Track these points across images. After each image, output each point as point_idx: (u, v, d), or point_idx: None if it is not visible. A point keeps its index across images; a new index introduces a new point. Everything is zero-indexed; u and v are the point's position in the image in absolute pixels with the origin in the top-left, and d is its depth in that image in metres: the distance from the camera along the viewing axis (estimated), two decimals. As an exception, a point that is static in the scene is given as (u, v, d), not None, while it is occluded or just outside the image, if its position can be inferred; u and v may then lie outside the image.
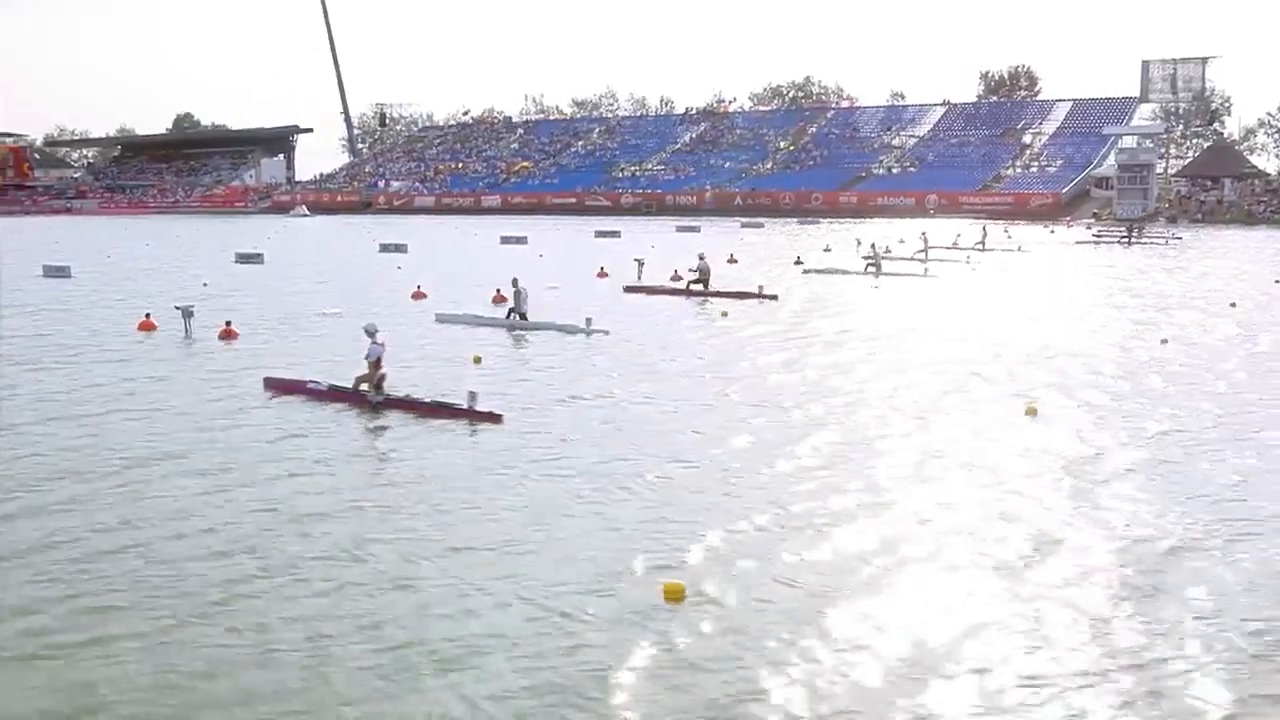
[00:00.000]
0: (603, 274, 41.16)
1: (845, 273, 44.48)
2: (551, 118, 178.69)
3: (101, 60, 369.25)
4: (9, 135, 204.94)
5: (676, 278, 39.22)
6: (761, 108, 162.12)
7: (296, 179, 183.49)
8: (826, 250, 54.47)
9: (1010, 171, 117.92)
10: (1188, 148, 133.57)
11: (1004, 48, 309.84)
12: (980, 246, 59.90)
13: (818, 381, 21.30)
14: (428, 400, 18.65)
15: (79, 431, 17.36)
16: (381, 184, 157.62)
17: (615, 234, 72.51)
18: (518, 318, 28.37)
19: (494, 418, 17.77)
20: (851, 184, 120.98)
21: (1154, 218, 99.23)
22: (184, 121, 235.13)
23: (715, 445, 16.22)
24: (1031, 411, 17.65)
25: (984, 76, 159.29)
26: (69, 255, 55.64)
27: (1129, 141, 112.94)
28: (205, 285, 39.75)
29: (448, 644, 9.44)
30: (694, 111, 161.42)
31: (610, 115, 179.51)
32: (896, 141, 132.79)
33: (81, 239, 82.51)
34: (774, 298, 35.00)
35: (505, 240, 65.71)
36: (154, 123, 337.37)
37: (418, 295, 34.96)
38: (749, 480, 14.40)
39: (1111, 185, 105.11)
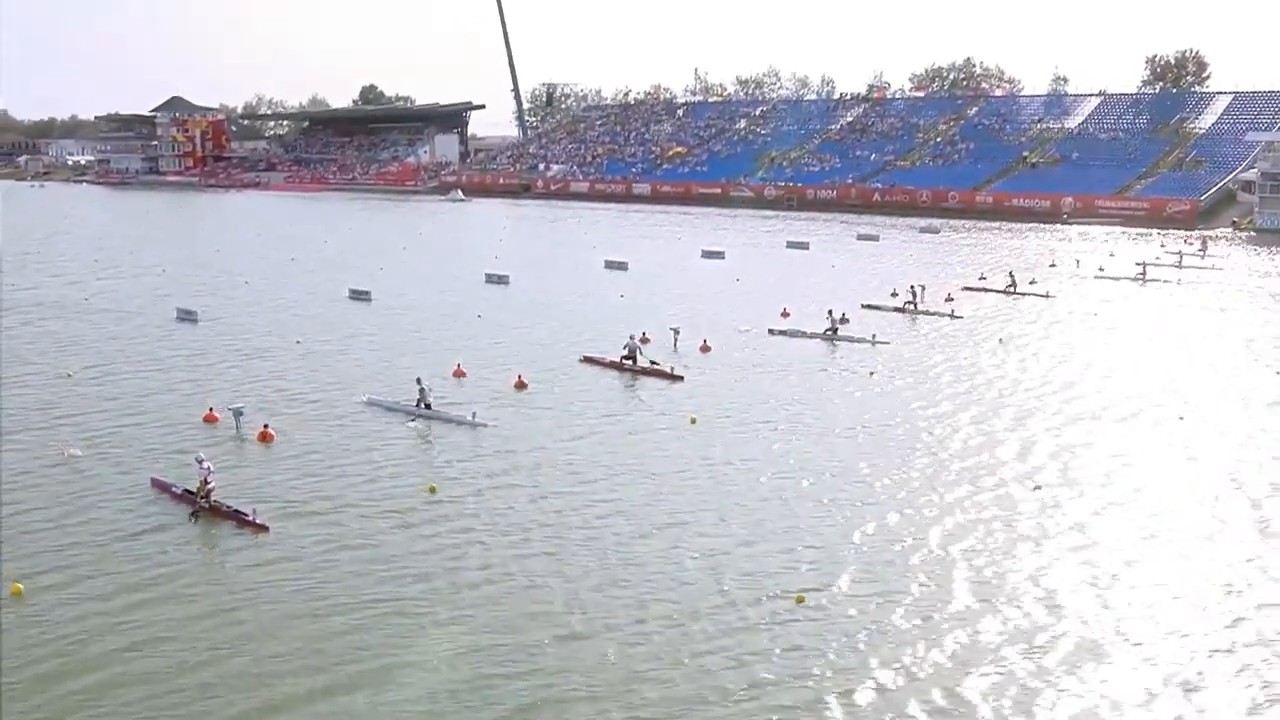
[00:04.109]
0: (645, 339, 44.53)
1: (805, 335, 46.61)
2: (711, 100, 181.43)
3: (300, 31, 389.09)
4: (209, 109, 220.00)
5: (705, 349, 43.22)
6: (918, 93, 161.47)
7: (473, 150, 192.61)
8: (919, 288, 55.25)
9: (1160, 169, 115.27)
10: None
11: (1176, 30, 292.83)
12: (1011, 289, 59.22)
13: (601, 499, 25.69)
14: (230, 508, 24.44)
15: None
16: (541, 167, 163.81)
17: (720, 255, 75.84)
18: (424, 407, 33.14)
19: (263, 528, 23.42)
20: (989, 183, 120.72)
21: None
22: (369, 93, 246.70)
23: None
24: (801, 600, 20.56)
25: (1150, 61, 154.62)
26: (210, 282, 63.02)
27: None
28: (298, 343, 45.15)
29: None
30: (849, 97, 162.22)
31: (772, 96, 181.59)
32: (1046, 134, 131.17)
33: (241, 241, 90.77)
34: (680, 379, 38.20)
35: (609, 266, 69.77)
36: (344, 91, 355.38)
37: (459, 373, 39.18)
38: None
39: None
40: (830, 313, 47.16)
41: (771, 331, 47.59)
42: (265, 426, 31.25)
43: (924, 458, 29.17)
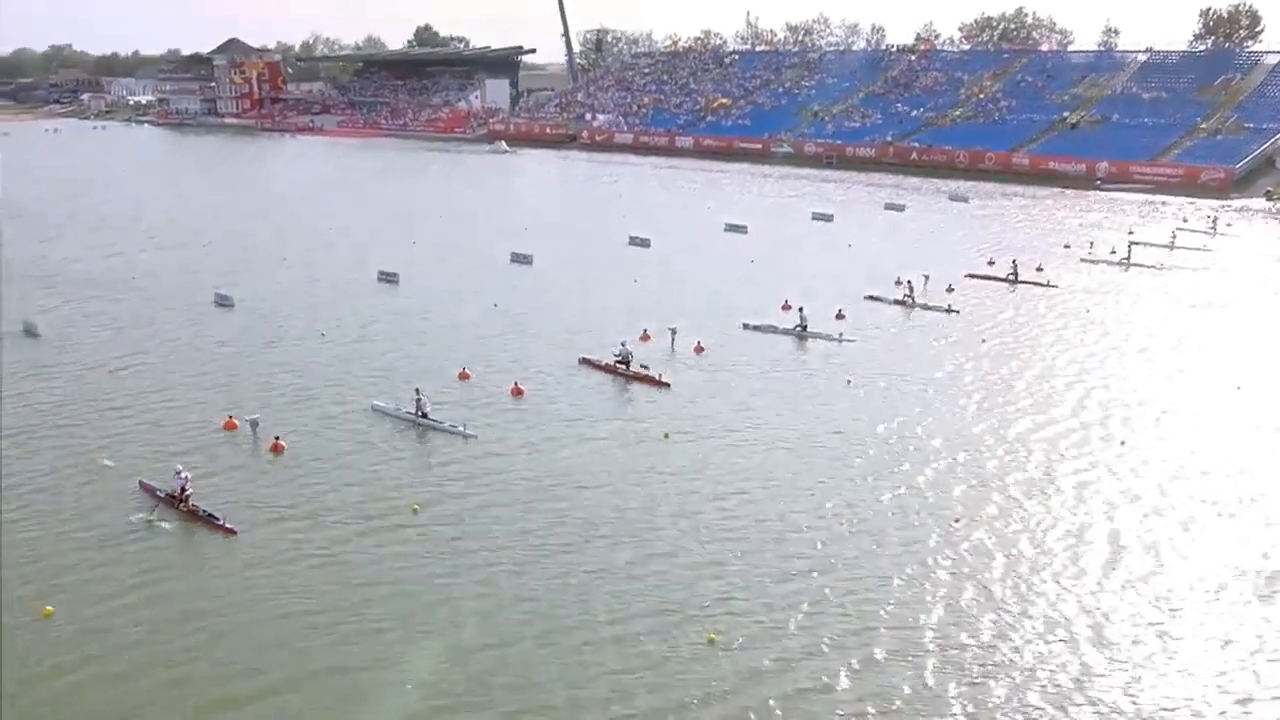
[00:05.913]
0: (645, 337, 46.94)
1: (775, 330, 48.44)
2: (759, 49, 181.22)
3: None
4: (266, 51, 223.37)
5: (700, 349, 45.54)
6: (964, 46, 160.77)
7: (525, 90, 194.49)
8: (919, 279, 56.64)
9: (1200, 132, 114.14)
10: None
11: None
12: (1013, 278, 59.92)
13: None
14: (204, 512, 27.87)
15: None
16: (588, 116, 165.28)
17: (744, 229, 77.15)
18: (421, 416, 36.01)
19: (230, 531, 26.97)
20: (1028, 143, 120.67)
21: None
22: (423, 33, 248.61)
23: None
24: (711, 640, 22.37)
25: (1204, 14, 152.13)
26: (250, 258, 66.56)
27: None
28: (323, 335, 47.82)
29: None
30: (895, 49, 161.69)
31: (821, 44, 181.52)
32: (1089, 93, 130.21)
33: (287, 201, 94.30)
34: (667, 385, 40.33)
35: (633, 241, 71.64)
36: (402, 31, 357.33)
37: (463, 376, 41.40)
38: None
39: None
40: (800, 310, 48.71)
41: (745, 326, 49.25)
42: (277, 438, 34.12)
43: (864, 482, 31.36)
